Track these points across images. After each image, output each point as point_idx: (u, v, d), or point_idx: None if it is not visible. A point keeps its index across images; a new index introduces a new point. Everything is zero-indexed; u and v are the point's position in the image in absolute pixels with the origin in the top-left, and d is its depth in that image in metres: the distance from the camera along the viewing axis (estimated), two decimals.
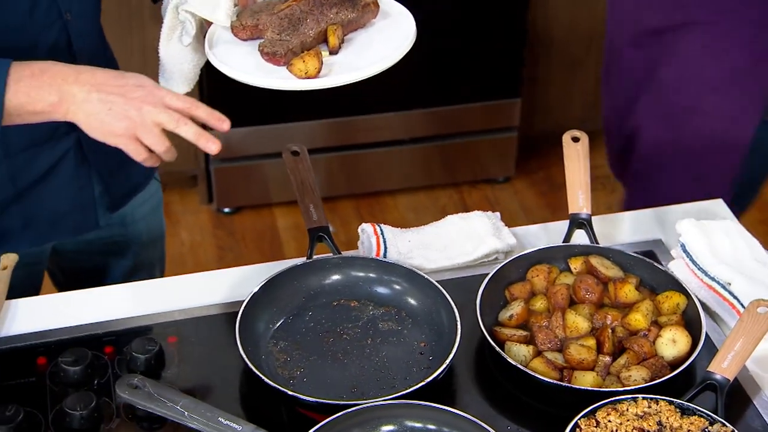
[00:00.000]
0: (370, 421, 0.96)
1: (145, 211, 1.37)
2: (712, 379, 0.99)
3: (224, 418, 0.94)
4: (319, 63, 1.03)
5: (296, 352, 1.08)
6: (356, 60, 1.06)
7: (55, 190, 1.22)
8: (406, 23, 1.11)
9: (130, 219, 1.35)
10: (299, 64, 1.03)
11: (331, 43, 1.07)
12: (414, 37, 1.09)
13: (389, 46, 1.07)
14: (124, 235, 1.36)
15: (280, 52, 1.04)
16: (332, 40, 1.07)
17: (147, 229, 1.38)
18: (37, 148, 1.18)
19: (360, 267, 1.16)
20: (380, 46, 1.08)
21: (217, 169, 2.44)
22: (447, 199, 2.57)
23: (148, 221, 1.38)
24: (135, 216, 1.35)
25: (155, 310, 1.14)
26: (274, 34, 1.06)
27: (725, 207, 1.32)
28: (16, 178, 1.19)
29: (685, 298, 1.10)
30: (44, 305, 1.16)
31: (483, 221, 1.24)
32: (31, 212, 1.22)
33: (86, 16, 1.17)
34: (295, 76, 1.03)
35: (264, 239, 2.46)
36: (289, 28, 1.07)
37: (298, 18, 1.08)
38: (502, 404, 1.04)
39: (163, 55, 1.12)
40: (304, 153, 1.24)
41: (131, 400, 0.96)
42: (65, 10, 1.12)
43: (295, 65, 1.03)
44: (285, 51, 1.04)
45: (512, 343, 1.06)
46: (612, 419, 0.96)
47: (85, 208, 1.25)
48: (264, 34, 1.07)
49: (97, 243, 1.33)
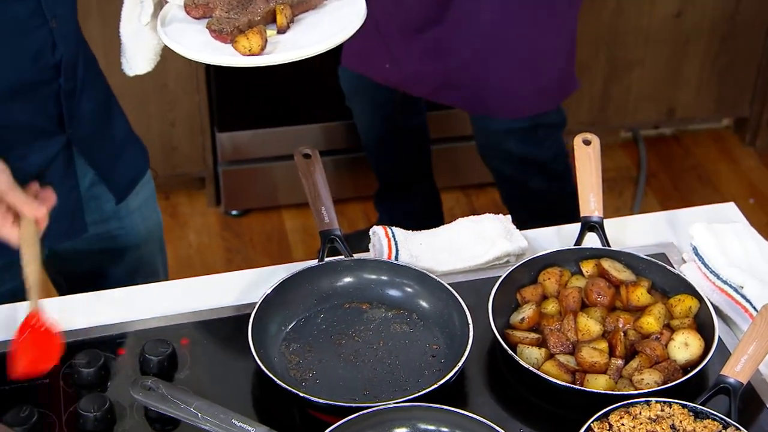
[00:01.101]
0: (383, 424, 0.96)
1: (139, 202, 1.36)
2: (726, 382, 0.99)
3: (237, 420, 0.94)
4: (262, 40, 1.03)
5: (308, 354, 1.08)
6: (302, 38, 1.07)
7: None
8: (356, 4, 1.11)
9: (124, 211, 1.34)
10: (243, 41, 1.03)
11: (279, 21, 1.08)
12: (363, 19, 1.09)
13: (337, 26, 1.08)
14: (122, 228, 1.35)
15: (227, 30, 1.05)
16: (280, 19, 1.07)
17: (143, 220, 1.38)
18: (28, 148, 1.17)
19: (372, 269, 1.16)
20: (328, 26, 1.08)
21: (225, 172, 2.44)
22: (454, 202, 2.57)
23: (142, 212, 1.37)
24: (129, 207, 1.35)
25: (167, 312, 1.15)
26: (223, 12, 1.07)
27: (737, 210, 1.32)
28: None
29: (698, 301, 1.10)
30: (56, 307, 1.16)
31: (494, 224, 1.24)
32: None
33: (68, 19, 1.17)
34: (239, 53, 1.04)
35: (272, 241, 2.46)
36: (238, 6, 1.07)
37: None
38: (514, 407, 1.04)
39: (123, 35, 1.13)
40: (316, 156, 1.25)
41: (145, 402, 0.96)
42: (51, 16, 1.12)
43: (239, 42, 1.04)
44: (231, 29, 1.05)
45: (524, 346, 1.06)
46: (625, 422, 0.96)
47: (74, 213, 1.25)
48: (213, 12, 1.08)
49: (94, 240, 1.32)
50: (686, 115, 2.71)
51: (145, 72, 1.16)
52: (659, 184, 2.66)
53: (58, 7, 1.13)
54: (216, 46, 1.06)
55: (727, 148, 2.78)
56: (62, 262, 1.35)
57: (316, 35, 1.07)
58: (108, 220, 1.32)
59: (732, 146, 2.78)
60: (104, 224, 1.32)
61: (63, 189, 1.22)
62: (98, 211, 1.30)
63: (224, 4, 1.07)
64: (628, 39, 2.54)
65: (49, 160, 1.20)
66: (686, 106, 2.68)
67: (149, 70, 1.15)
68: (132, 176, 1.34)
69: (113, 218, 1.33)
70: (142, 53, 1.13)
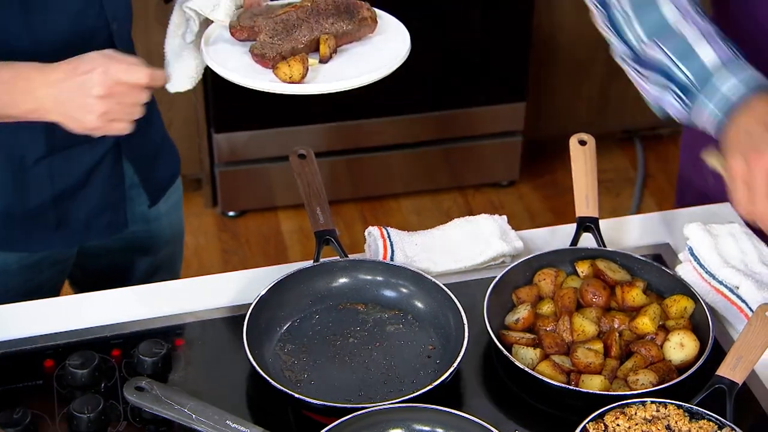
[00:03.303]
0: (378, 425, 0.96)
1: (168, 207, 1.37)
2: (721, 383, 0.98)
3: (232, 421, 0.94)
4: (303, 68, 1.04)
5: (303, 355, 1.08)
6: (343, 70, 1.08)
7: (91, 192, 1.23)
8: (401, 40, 1.12)
9: (153, 215, 1.35)
10: (284, 67, 1.04)
11: (322, 51, 1.09)
12: (406, 55, 1.11)
13: (379, 61, 1.09)
14: (148, 231, 1.36)
15: (269, 55, 1.06)
16: (323, 49, 1.08)
17: (169, 226, 1.39)
18: (78, 148, 1.19)
19: (367, 270, 1.15)
20: (370, 60, 1.09)
21: (222, 173, 2.44)
22: (451, 203, 2.57)
23: (170, 217, 1.39)
24: (159, 211, 1.36)
25: (162, 313, 1.14)
26: (267, 37, 1.08)
27: (732, 210, 1.31)
28: (55, 178, 1.20)
29: (693, 302, 1.10)
30: (51, 308, 1.16)
31: (490, 224, 1.24)
32: (65, 213, 1.23)
33: (126, 23, 1.19)
34: (279, 79, 1.05)
35: (268, 243, 2.46)
36: (283, 32, 1.08)
37: (293, 24, 1.09)
38: (510, 408, 1.04)
39: (168, 52, 1.14)
40: (311, 156, 1.24)
41: (138, 403, 0.96)
42: (112, 18, 1.14)
43: (280, 69, 1.05)
44: (274, 54, 1.06)
45: (519, 347, 1.06)
46: (620, 423, 0.96)
47: (117, 208, 1.26)
48: (258, 36, 1.09)
49: (120, 241, 1.33)
50: None
51: (185, 90, 1.17)
52: (657, 185, 2.66)
53: (120, 10, 1.15)
54: (257, 70, 1.07)
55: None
56: (87, 256, 1.35)
57: (358, 68, 1.08)
58: (137, 222, 1.33)
59: None
60: (133, 225, 1.33)
61: (109, 186, 1.24)
62: (130, 212, 1.31)
63: (269, 29, 1.08)
64: None
65: (100, 157, 1.22)
66: None
67: (189, 88, 1.16)
68: (167, 179, 1.35)
69: (141, 221, 1.34)
70: (184, 71, 1.13)
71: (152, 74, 1.01)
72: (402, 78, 1.24)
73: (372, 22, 1.13)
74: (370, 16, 1.12)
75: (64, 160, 1.19)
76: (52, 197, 1.20)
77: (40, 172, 1.18)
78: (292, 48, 1.07)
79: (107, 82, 0.99)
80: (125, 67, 1.00)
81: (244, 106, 2.40)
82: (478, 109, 2.48)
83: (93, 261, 1.37)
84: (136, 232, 1.35)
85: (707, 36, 1.06)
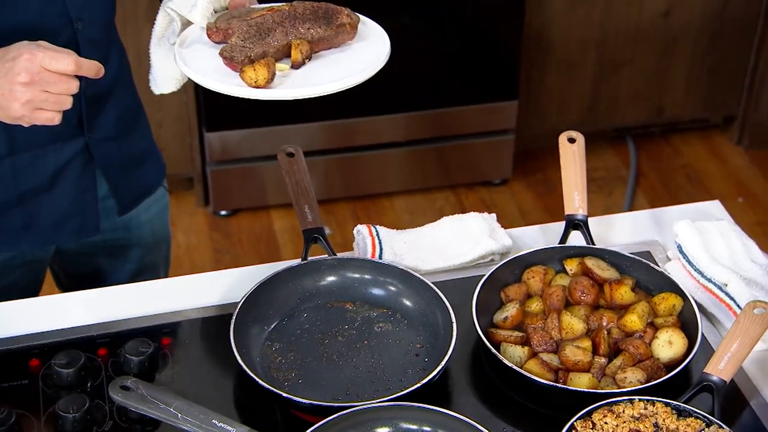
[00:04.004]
0: (365, 423, 0.96)
1: (150, 216, 1.37)
2: (709, 380, 0.98)
3: (218, 420, 0.94)
4: (268, 73, 1.02)
5: (291, 354, 1.08)
6: (314, 76, 1.06)
7: (59, 194, 1.22)
8: (379, 49, 1.10)
9: (135, 223, 1.35)
10: (250, 72, 1.02)
11: (293, 56, 1.07)
12: (382, 64, 1.08)
13: (353, 68, 1.06)
14: (128, 239, 1.35)
15: (238, 58, 1.04)
16: (295, 54, 1.06)
17: (151, 233, 1.38)
18: (43, 149, 1.18)
19: (355, 268, 1.15)
20: (342, 68, 1.07)
21: (214, 172, 2.44)
22: (444, 201, 2.57)
23: (153, 225, 1.38)
24: (140, 220, 1.35)
25: (149, 312, 1.14)
26: (239, 39, 1.06)
27: (722, 208, 1.31)
28: (20, 178, 1.18)
29: (682, 299, 1.09)
30: (37, 307, 1.15)
31: (479, 222, 1.23)
32: (32, 214, 1.22)
33: (97, 23, 1.17)
34: (245, 83, 1.03)
35: (261, 242, 2.46)
36: (256, 36, 1.06)
37: (268, 28, 1.08)
38: (498, 406, 1.04)
39: (152, 54, 1.13)
40: (299, 154, 1.24)
41: (124, 403, 0.95)
42: (76, 18, 1.12)
43: (245, 72, 1.03)
44: (243, 57, 1.04)
45: (508, 345, 1.06)
46: (608, 421, 0.96)
47: (87, 212, 1.25)
48: (230, 38, 1.07)
49: (100, 246, 1.33)
50: (675, 114, 2.72)
51: (170, 92, 1.16)
52: (648, 183, 2.66)
53: (86, 11, 1.13)
54: (226, 73, 1.05)
55: (716, 147, 2.78)
56: (66, 260, 1.35)
57: (329, 74, 1.05)
58: (117, 229, 1.33)
59: (721, 145, 2.79)
60: (113, 233, 1.32)
61: (78, 189, 1.22)
62: (110, 218, 1.30)
63: (242, 32, 1.06)
64: (617, 38, 2.54)
65: (66, 160, 1.20)
66: (675, 105, 2.69)
67: (175, 90, 1.15)
68: (142, 190, 1.33)
69: (122, 228, 1.33)
70: (169, 73, 1.13)
71: (79, 62, 0.98)
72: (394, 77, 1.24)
73: (351, 29, 1.10)
74: (349, 22, 1.10)
75: (29, 160, 1.18)
76: (18, 197, 1.19)
77: (4, 170, 1.17)
78: (263, 52, 1.05)
79: (32, 69, 0.96)
80: (52, 54, 0.97)
81: (235, 104, 2.39)
82: (470, 108, 2.47)
83: (74, 265, 1.36)
84: (119, 239, 1.34)
85: None
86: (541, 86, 2.57)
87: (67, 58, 0.98)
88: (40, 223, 1.23)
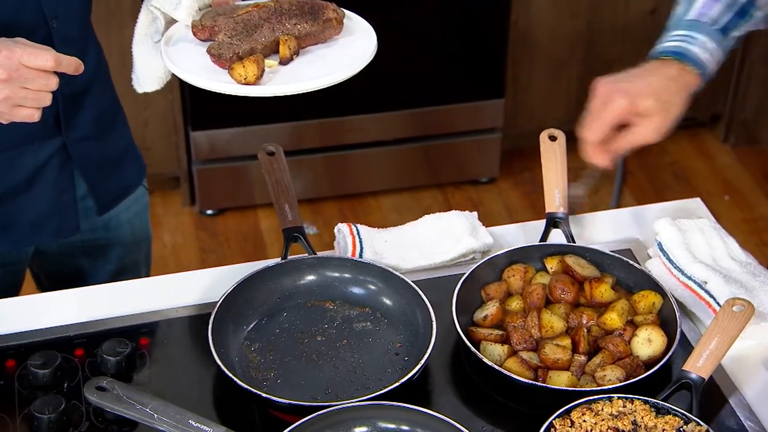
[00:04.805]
0: (343, 423, 0.95)
1: (130, 215, 1.36)
2: (687, 378, 0.98)
3: (194, 421, 0.93)
4: (258, 69, 1.02)
5: (270, 354, 1.07)
6: (303, 72, 1.06)
7: (37, 194, 1.21)
8: (366, 43, 1.10)
9: (114, 223, 1.34)
10: (239, 68, 1.02)
11: (282, 53, 1.07)
12: (369, 59, 1.08)
13: (340, 63, 1.07)
14: (108, 239, 1.35)
15: (226, 55, 1.04)
16: (283, 50, 1.06)
17: (131, 233, 1.37)
18: (20, 149, 1.17)
19: (335, 267, 1.15)
20: (331, 62, 1.07)
21: (200, 171, 2.43)
22: (431, 200, 2.56)
23: (132, 225, 1.37)
24: (120, 220, 1.34)
25: (128, 312, 1.13)
26: (226, 37, 1.06)
27: (702, 205, 1.31)
28: None
29: (661, 297, 1.09)
30: (14, 308, 1.14)
31: (460, 221, 1.23)
32: (10, 215, 1.21)
33: (72, 21, 1.16)
34: (234, 80, 1.03)
35: (247, 241, 2.45)
36: (243, 32, 1.06)
37: (254, 24, 1.07)
38: (478, 405, 1.03)
39: (135, 52, 1.12)
40: (280, 153, 1.23)
41: (99, 403, 0.95)
42: (51, 16, 1.11)
43: (234, 69, 1.02)
44: (231, 54, 1.04)
45: (487, 343, 1.05)
46: (587, 419, 0.95)
47: (66, 212, 1.24)
48: (217, 35, 1.07)
49: (79, 246, 1.32)
50: None
51: (153, 90, 1.15)
52: (636, 181, 2.67)
53: (60, 8, 1.12)
54: (214, 70, 1.05)
55: (703, 145, 2.79)
56: (46, 261, 1.34)
57: (318, 70, 1.05)
58: (96, 229, 1.32)
59: (708, 143, 2.79)
60: (92, 233, 1.31)
61: (56, 189, 1.21)
62: (89, 218, 1.29)
63: (229, 29, 1.06)
64: (603, 36, 2.54)
65: (44, 160, 1.19)
66: None
67: (158, 88, 1.15)
68: (121, 190, 1.32)
69: (102, 228, 1.32)
70: (152, 71, 1.12)
71: (58, 59, 0.98)
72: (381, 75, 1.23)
73: (337, 23, 1.10)
74: (336, 17, 1.10)
75: (6, 160, 1.17)
76: None
77: None
78: (250, 48, 1.05)
79: (10, 65, 0.96)
80: (30, 51, 0.97)
81: (221, 103, 2.38)
82: (456, 107, 2.47)
83: (54, 265, 1.36)
84: (98, 239, 1.33)
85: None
86: (528, 85, 2.57)
87: (46, 54, 0.97)
88: (19, 224, 1.22)
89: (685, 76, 1.04)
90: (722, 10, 1.06)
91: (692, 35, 1.05)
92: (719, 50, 1.06)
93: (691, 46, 1.05)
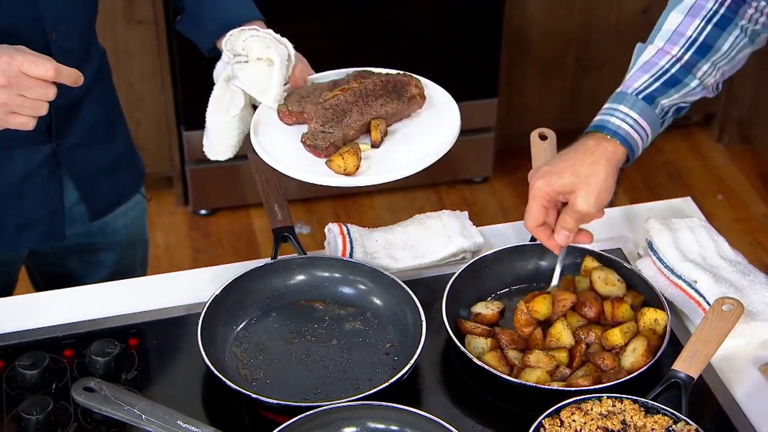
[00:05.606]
0: (332, 423, 0.95)
1: (127, 220, 1.35)
2: (677, 377, 0.98)
3: (183, 421, 0.93)
4: (357, 160, 1.03)
5: (260, 354, 1.07)
6: (396, 156, 1.07)
7: (25, 199, 1.21)
8: (450, 116, 1.11)
9: (110, 228, 1.33)
10: (338, 160, 1.03)
11: (374, 137, 1.08)
12: (458, 132, 1.10)
13: (431, 143, 1.07)
14: (104, 243, 1.34)
15: (321, 146, 1.05)
16: (374, 135, 1.08)
17: (127, 238, 1.37)
18: (9, 153, 1.16)
19: (325, 267, 1.14)
20: (422, 141, 1.08)
21: (193, 171, 2.42)
22: (425, 200, 2.56)
23: (129, 230, 1.37)
24: (116, 225, 1.34)
25: (117, 312, 1.13)
26: (318, 125, 1.07)
27: (693, 205, 1.31)
28: None
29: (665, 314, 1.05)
30: (3, 308, 1.14)
31: (451, 220, 1.23)
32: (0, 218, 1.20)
33: (72, 34, 1.15)
34: (333, 171, 1.04)
35: (240, 241, 2.44)
36: (333, 119, 1.07)
37: (342, 109, 1.08)
38: (468, 405, 1.03)
39: (209, 123, 1.13)
40: None
41: (87, 404, 0.94)
42: (50, 28, 1.11)
43: (333, 161, 1.04)
44: (326, 144, 1.05)
45: (472, 337, 1.05)
46: (576, 418, 0.95)
47: (53, 219, 1.24)
48: (308, 123, 1.08)
49: (74, 248, 1.32)
50: None
51: (226, 158, 1.16)
52: (629, 180, 2.67)
53: (61, 21, 1.12)
54: (307, 158, 1.06)
55: (696, 144, 2.79)
56: (39, 261, 1.34)
57: (411, 154, 1.06)
58: (92, 233, 1.31)
59: (701, 143, 2.80)
60: (88, 236, 1.31)
61: (44, 195, 1.21)
62: (84, 222, 1.28)
63: (319, 117, 1.07)
64: (597, 36, 2.54)
65: (34, 166, 1.19)
66: None
67: (230, 156, 1.16)
68: (116, 197, 1.32)
69: (98, 233, 1.32)
70: (227, 141, 1.14)
71: (59, 69, 0.98)
72: None
73: (420, 99, 1.11)
74: (419, 93, 1.11)
75: None
76: None
77: None
78: (343, 135, 1.06)
79: (10, 72, 0.96)
80: (31, 59, 0.97)
81: None
82: None
83: (48, 266, 1.35)
84: (93, 243, 1.33)
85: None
86: (521, 84, 2.57)
87: (47, 63, 0.97)
88: (6, 226, 1.21)
89: (603, 145, 1.06)
90: (648, 80, 1.09)
91: (614, 107, 1.08)
92: (643, 119, 1.07)
93: (611, 117, 1.07)
